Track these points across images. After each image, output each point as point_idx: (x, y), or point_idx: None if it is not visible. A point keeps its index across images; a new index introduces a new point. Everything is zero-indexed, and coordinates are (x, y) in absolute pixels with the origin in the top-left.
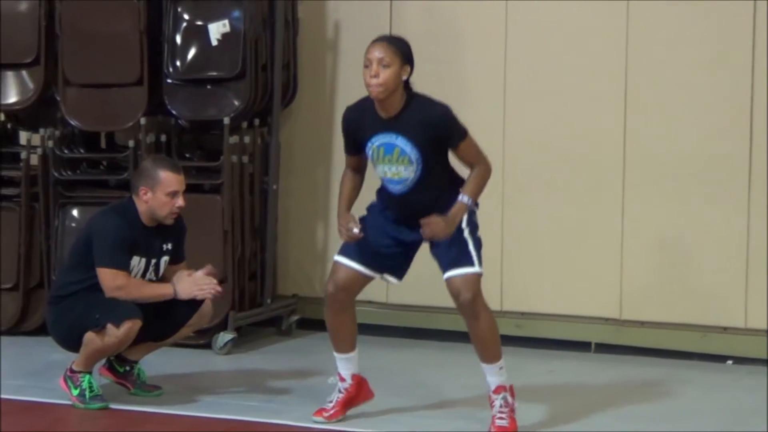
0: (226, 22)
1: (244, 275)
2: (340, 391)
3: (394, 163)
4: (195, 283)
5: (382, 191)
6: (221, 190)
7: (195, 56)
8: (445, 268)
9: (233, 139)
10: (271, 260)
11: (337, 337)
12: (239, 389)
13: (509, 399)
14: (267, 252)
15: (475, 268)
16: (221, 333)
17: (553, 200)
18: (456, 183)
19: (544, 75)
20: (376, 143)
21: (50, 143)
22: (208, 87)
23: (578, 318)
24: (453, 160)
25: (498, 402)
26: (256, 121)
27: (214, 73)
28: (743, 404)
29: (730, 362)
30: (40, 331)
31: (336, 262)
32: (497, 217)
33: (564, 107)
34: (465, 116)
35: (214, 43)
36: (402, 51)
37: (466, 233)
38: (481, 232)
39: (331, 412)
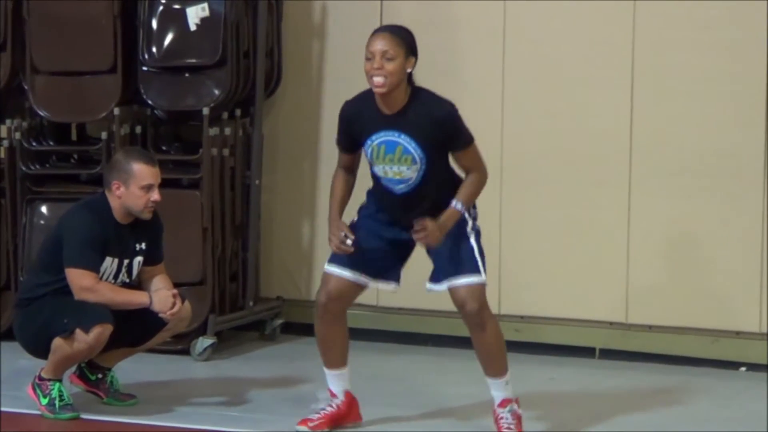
0: (206, 5)
1: (225, 276)
2: (330, 405)
3: (396, 163)
4: (170, 306)
5: (377, 191)
6: (200, 185)
7: (172, 42)
8: (449, 275)
9: (213, 131)
10: (254, 260)
11: (328, 350)
12: (219, 398)
13: (517, 410)
14: (249, 251)
15: (481, 277)
16: (200, 338)
17: (555, 196)
18: (457, 183)
19: (545, 63)
20: (376, 141)
21: (17, 135)
22: (187, 75)
23: (581, 322)
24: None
25: (504, 414)
26: (238, 112)
27: (193, 60)
28: (757, 413)
29: (743, 369)
30: (7, 335)
31: (326, 273)
32: (495, 215)
33: (566, 98)
34: (460, 109)
35: (193, 27)
36: (406, 42)
37: (472, 239)
38: None
39: (317, 422)
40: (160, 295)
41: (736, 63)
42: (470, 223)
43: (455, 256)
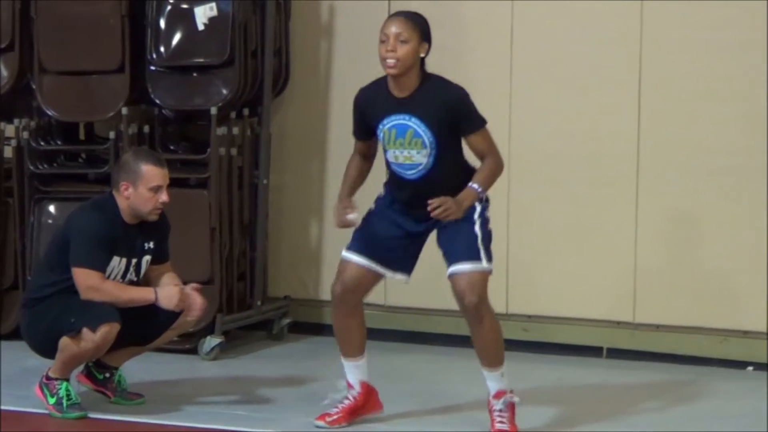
0: (213, 5)
1: (233, 275)
2: (347, 398)
3: (407, 147)
4: (181, 298)
5: (392, 180)
6: (208, 184)
7: (180, 42)
8: (450, 261)
9: (221, 131)
10: (262, 260)
11: (344, 341)
12: (227, 397)
13: (510, 400)
14: (257, 251)
15: (482, 264)
16: (208, 337)
17: (562, 195)
18: (469, 174)
19: (553, 62)
20: (387, 125)
21: (25, 134)
22: (194, 74)
23: (589, 321)
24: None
25: (498, 406)
26: (246, 111)
27: (201, 60)
28: (763, 413)
29: (750, 369)
30: (14, 335)
31: (343, 260)
32: (502, 213)
33: (574, 97)
34: None
35: (201, 27)
36: (421, 27)
37: (477, 226)
38: None
39: (335, 417)
40: (166, 291)
41: (743, 62)
42: (478, 209)
43: (458, 243)
